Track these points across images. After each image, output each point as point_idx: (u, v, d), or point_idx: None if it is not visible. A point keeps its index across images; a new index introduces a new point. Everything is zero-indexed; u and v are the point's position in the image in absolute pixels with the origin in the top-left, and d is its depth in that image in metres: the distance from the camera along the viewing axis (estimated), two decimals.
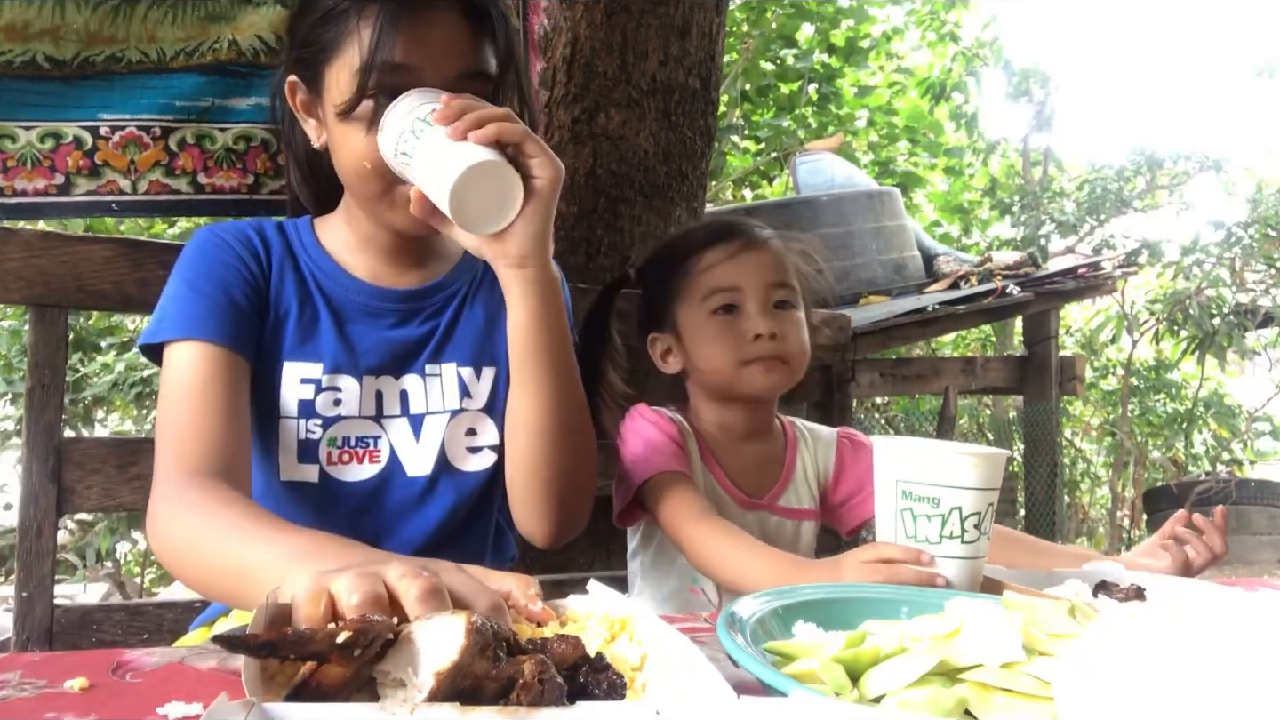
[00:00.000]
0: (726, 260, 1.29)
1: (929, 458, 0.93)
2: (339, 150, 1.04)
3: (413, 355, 1.13)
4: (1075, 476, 7.91)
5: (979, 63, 8.32)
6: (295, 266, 1.13)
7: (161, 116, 1.32)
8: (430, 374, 1.13)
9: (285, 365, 1.08)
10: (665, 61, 2.06)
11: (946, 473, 0.91)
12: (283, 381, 1.08)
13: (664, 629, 0.61)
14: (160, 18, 1.29)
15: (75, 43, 1.25)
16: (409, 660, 0.50)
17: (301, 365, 1.08)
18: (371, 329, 1.12)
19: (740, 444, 1.36)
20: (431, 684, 0.48)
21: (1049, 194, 7.60)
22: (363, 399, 1.10)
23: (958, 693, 0.57)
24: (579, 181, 2.01)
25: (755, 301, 1.28)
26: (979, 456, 0.92)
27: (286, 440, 1.08)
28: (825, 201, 4.83)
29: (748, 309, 1.28)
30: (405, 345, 1.13)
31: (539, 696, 0.48)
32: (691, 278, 1.31)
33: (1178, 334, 6.35)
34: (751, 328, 1.26)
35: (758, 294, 1.28)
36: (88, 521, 4.51)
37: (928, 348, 6.98)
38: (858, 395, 4.76)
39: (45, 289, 1.36)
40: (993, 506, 0.94)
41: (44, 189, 1.28)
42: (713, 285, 1.29)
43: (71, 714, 0.53)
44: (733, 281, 1.28)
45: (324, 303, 1.11)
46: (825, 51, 7.32)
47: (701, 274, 1.30)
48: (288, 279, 1.11)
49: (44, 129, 1.27)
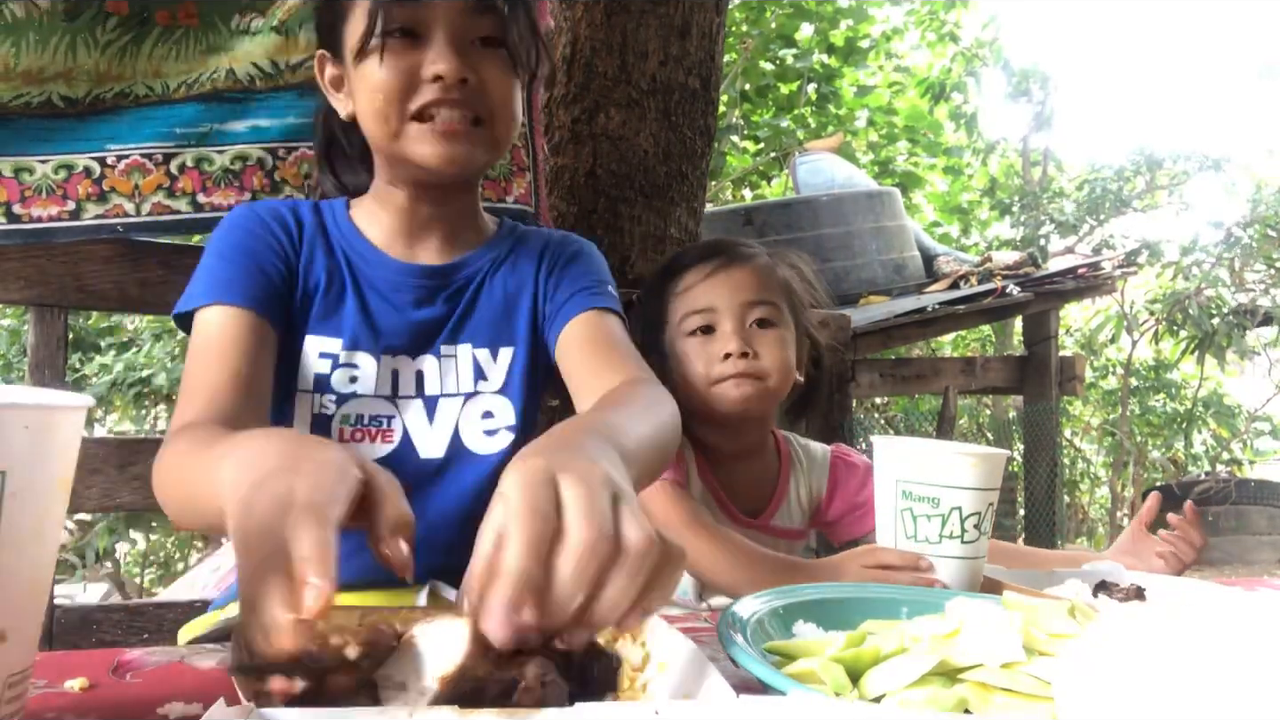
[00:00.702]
0: (702, 281, 1.31)
1: (929, 458, 0.94)
2: (359, 97, 1.05)
3: (430, 336, 1.13)
4: (1075, 476, 7.92)
5: (979, 63, 8.32)
6: (326, 242, 1.14)
7: (163, 144, 1.41)
8: (445, 355, 1.13)
9: (307, 338, 1.09)
10: (665, 61, 2.06)
11: (946, 473, 0.92)
12: (303, 355, 1.09)
13: (666, 629, 0.61)
14: (165, 54, 1.40)
15: (87, 82, 1.36)
16: (411, 664, 0.50)
17: (322, 340, 1.09)
18: (394, 307, 1.12)
19: (734, 463, 1.35)
20: (435, 689, 0.48)
21: (1049, 194, 7.61)
22: (379, 378, 1.10)
23: (958, 693, 0.57)
24: (579, 181, 2.01)
25: (730, 320, 1.28)
26: (978, 456, 0.92)
27: (301, 414, 1.08)
28: (825, 201, 4.83)
29: (722, 329, 1.29)
30: (424, 325, 1.13)
31: (540, 700, 0.48)
32: (672, 301, 1.33)
33: (1177, 334, 6.36)
34: (722, 347, 1.27)
35: (733, 313, 1.29)
36: (87, 521, 4.51)
37: (928, 348, 6.98)
38: (858, 395, 4.76)
39: (45, 289, 1.36)
40: (993, 506, 0.94)
41: (57, 215, 1.36)
42: (689, 307, 1.31)
43: (71, 714, 0.53)
44: (707, 302, 1.30)
45: (350, 279, 1.12)
46: (825, 51, 7.32)
47: (680, 296, 1.32)
48: (318, 254, 1.13)
49: (58, 161, 1.37)
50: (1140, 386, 7.58)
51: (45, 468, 0.44)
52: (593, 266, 1.22)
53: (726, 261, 1.32)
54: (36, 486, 0.43)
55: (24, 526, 0.43)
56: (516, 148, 1.74)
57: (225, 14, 1.45)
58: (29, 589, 0.45)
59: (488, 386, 1.14)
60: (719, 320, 1.29)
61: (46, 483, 0.44)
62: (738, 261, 1.32)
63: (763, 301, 1.30)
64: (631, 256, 2.01)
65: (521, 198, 1.75)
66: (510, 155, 1.74)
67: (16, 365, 4.44)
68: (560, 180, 2.01)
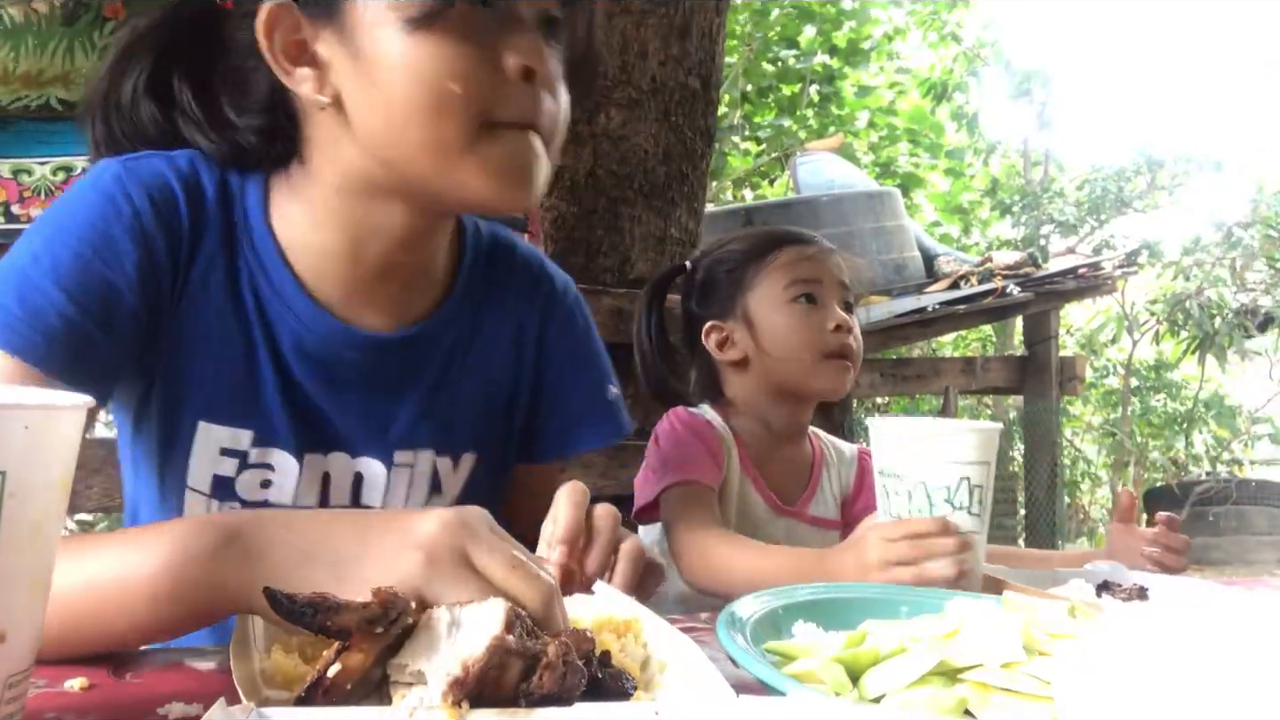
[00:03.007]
0: (808, 257, 1.35)
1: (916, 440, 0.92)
2: (399, 78, 0.71)
3: (379, 432, 0.85)
4: (1075, 476, 7.92)
5: (980, 63, 8.32)
6: (230, 261, 0.79)
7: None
8: (400, 464, 0.86)
9: (201, 425, 0.79)
10: (665, 61, 2.06)
11: (944, 450, 0.90)
12: (195, 444, 0.79)
13: (668, 629, 0.61)
14: None
15: (84, 85, 1.37)
16: (430, 649, 0.49)
17: (224, 430, 0.79)
18: (323, 389, 0.82)
19: (776, 447, 1.37)
20: (458, 673, 0.46)
21: (1049, 194, 7.61)
22: (302, 483, 0.82)
23: (958, 693, 0.57)
24: (579, 181, 2.01)
25: (835, 298, 1.33)
26: (973, 431, 0.91)
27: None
28: (825, 202, 4.83)
29: (827, 301, 1.32)
30: (367, 418, 0.84)
31: (562, 678, 0.47)
32: (771, 268, 1.35)
33: (1178, 334, 6.35)
34: (831, 316, 1.30)
35: (834, 291, 1.33)
36: (88, 522, 4.51)
37: (928, 348, 6.98)
38: (858, 395, 4.76)
39: None
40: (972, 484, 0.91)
41: None
42: (796, 275, 1.33)
43: (71, 714, 0.53)
44: (815, 274, 1.33)
45: (264, 338, 0.80)
46: (827, 52, 7.32)
47: (783, 266, 1.34)
48: (214, 279, 0.79)
49: (56, 163, 1.40)
50: (1141, 387, 7.58)
51: (45, 468, 0.44)
52: (602, 356, 0.99)
53: (824, 248, 1.37)
54: (36, 486, 0.43)
55: (24, 526, 0.43)
56: None
57: None
58: (29, 589, 0.45)
59: (441, 501, 0.88)
60: (824, 293, 1.33)
61: (46, 483, 0.44)
62: (828, 250, 1.38)
63: (851, 288, 1.36)
64: (631, 256, 2.01)
65: None
66: None
67: None
68: (560, 180, 2.01)
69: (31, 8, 1.36)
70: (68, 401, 0.45)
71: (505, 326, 0.93)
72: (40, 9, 1.36)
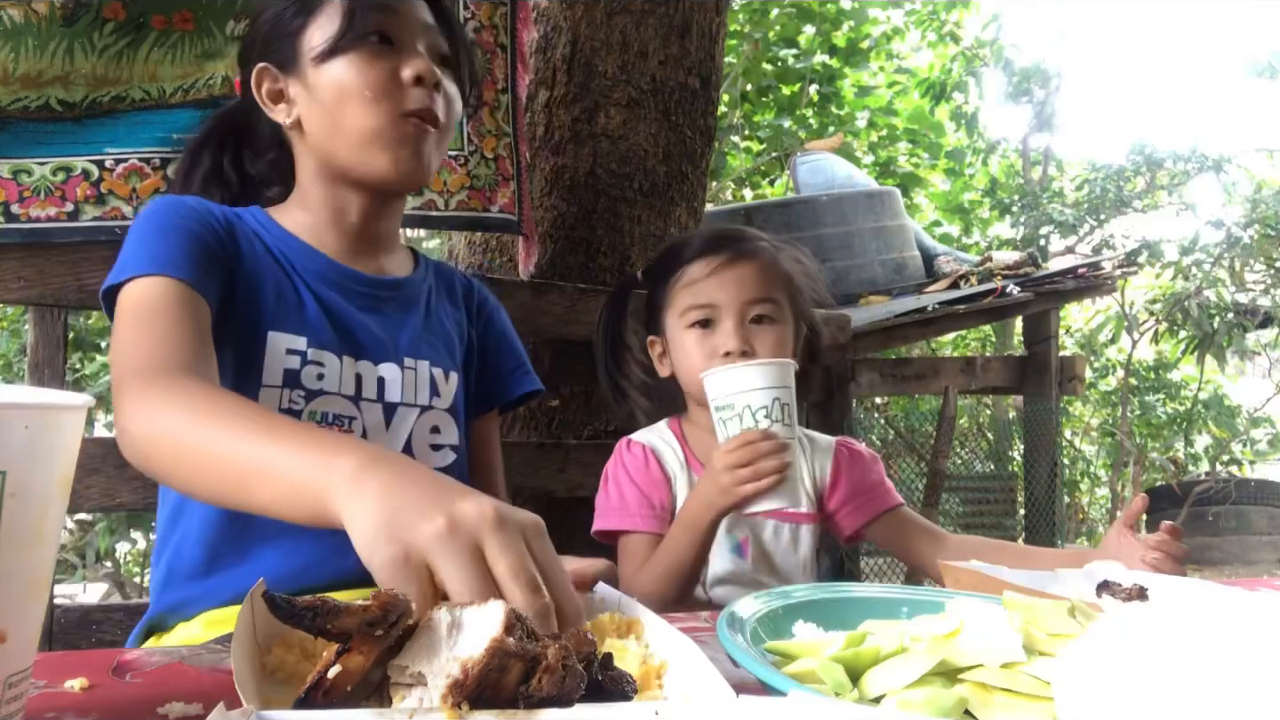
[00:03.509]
0: (707, 276, 1.33)
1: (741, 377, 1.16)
2: (326, 99, 1.08)
3: (389, 345, 1.16)
4: (1075, 476, 7.92)
5: (979, 63, 8.32)
6: (263, 241, 1.13)
7: (161, 148, 1.45)
8: (408, 367, 1.16)
9: (270, 334, 1.07)
10: (665, 61, 2.06)
11: (738, 382, 1.15)
12: (267, 350, 1.06)
13: (668, 630, 0.61)
14: (161, 58, 1.44)
15: (83, 86, 1.40)
16: (430, 650, 0.49)
17: (287, 336, 1.08)
18: (347, 311, 1.13)
19: None
20: (458, 675, 0.46)
21: (1049, 194, 7.61)
22: (343, 378, 1.11)
23: (958, 693, 0.57)
24: (579, 181, 2.01)
25: (731, 317, 1.31)
26: (776, 364, 1.17)
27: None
28: (825, 201, 4.82)
29: (723, 325, 1.31)
30: (381, 334, 1.15)
31: (561, 681, 0.47)
32: (676, 289, 1.35)
33: (1177, 334, 6.35)
34: (722, 344, 1.30)
35: (734, 310, 1.31)
36: (87, 521, 4.51)
37: (928, 348, 6.98)
38: (857, 395, 4.76)
39: (45, 289, 1.36)
40: (782, 403, 1.14)
41: (55, 215, 1.40)
42: (690, 301, 1.33)
43: (71, 714, 0.53)
44: (709, 299, 1.32)
45: (300, 278, 1.12)
46: (826, 52, 7.32)
47: (684, 287, 1.34)
48: (257, 249, 1.11)
49: (56, 163, 1.40)
50: (1140, 387, 7.58)
51: (45, 468, 0.44)
52: (515, 334, 1.37)
53: (733, 257, 1.33)
54: (36, 486, 0.43)
55: (24, 526, 0.43)
56: (501, 157, 1.75)
57: (220, 19, 1.46)
58: (29, 589, 0.45)
59: (440, 404, 1.19)
60: (720, 316, 1.31)
61: (46, 483, 0.44)
62: (744, 257, 1.34)
63: (764, 299, 1.32)
64: (631, 256, 2.01)
65: (506, 207, 1.76)
66: (495, 164, 1.74)
67: (16, 365, 4.43)
68: (560, 180, 2.01)
69: (31, 8, 1.35)
70: (68, 401, 0.45)
71: (453, 298, 1.29)
72: (40, 9, 1.35)
